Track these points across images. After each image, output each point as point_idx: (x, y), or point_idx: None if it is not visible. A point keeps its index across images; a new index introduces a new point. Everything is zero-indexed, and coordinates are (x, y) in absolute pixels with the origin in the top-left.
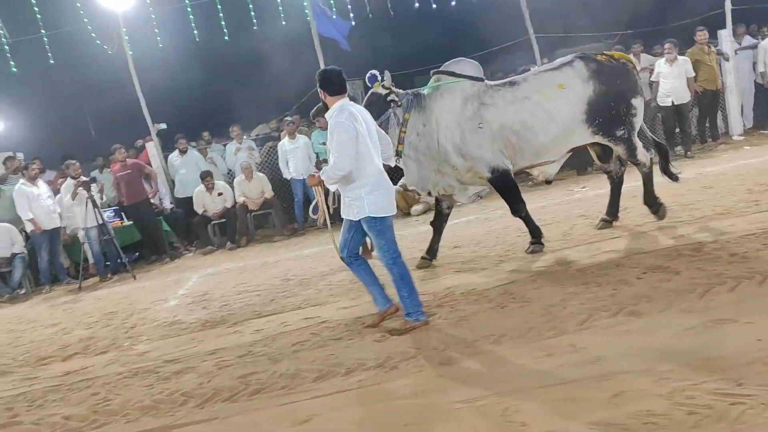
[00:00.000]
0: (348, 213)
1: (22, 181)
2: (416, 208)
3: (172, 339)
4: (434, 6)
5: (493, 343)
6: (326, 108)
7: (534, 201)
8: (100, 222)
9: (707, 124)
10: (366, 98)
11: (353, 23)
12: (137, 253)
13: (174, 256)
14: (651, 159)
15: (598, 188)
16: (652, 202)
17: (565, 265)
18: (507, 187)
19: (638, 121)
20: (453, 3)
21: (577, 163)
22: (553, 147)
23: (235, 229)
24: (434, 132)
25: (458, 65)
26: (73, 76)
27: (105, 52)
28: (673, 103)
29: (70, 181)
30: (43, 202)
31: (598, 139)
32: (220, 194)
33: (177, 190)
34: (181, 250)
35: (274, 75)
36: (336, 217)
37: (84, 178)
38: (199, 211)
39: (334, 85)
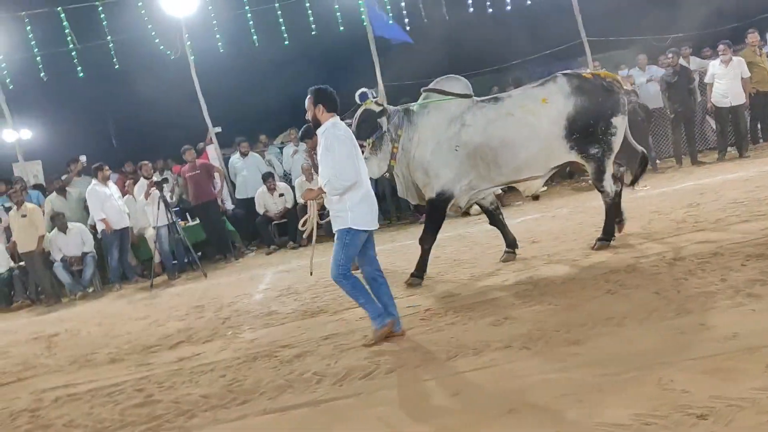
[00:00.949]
0: (333, 223)
1: (94, 181)
2: (475, 208)
3: (276, 327)
4: (489, 10)
5: (614, 325)
6: (316, 124)
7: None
8: (171, 221)
9: (758, 126)
10: (359, 115)
11: (408, 28)
12: (200, 253)
13: (237, 255)
14: (617, 192)
15: (660, 187)
16: (607, 231)
17: (657, 255)
18: (438, 213)
19: (616, 142)
20: (508, 8)
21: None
22: (534, 162)
23: (296, 228)
24: (413, 146)
25: (448, 83)
26: (134, 80)
27: (167, 57)
28: (730, 104)
29: (143, 181)
30: (114, 202)
31: (573, 155)
32: (281, 195)
33: (238, 191)
34: (243, 249)
35: (330, 79)
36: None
37: (156, 179)
38: (261, 211)
39: (332, 102)
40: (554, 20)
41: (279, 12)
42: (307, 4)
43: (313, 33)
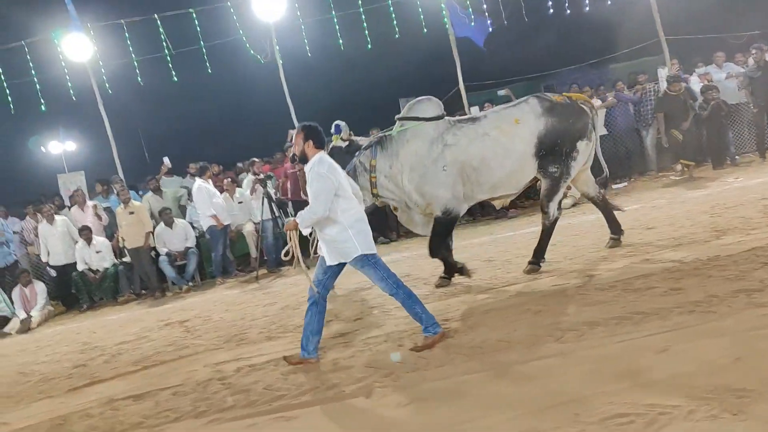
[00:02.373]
0: (335, 257)
1: (200, 180)
2: (566, 202)
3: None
4: (568, 11)
5: None
6: (303, 159)
7: (701, 189)
8: (275, 215)
9: None
10: (329, 152)
11: (491, 29)
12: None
13: None
14: (556, 219)
15: (753, 178)
16: (537, 254)
17: None
18: (445, 229)
19: (575, 167)
20: (587, 9)
21: (713, 156)
22: (508, 181)
23: (386, 224)
24: (399, 173)
25: (420, 107)
26: (224, 84)
27: (256, 62)
28: None
29: (250, 177)
30: (218, 199)
31: (536, 172)
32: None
33: None
34: None
35: (412, 80)
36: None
37: (262, 175)
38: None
39: (320, 139)
40: (632, 19)
41: (363, 16)
42: (391, 9)
43: (397, 36)
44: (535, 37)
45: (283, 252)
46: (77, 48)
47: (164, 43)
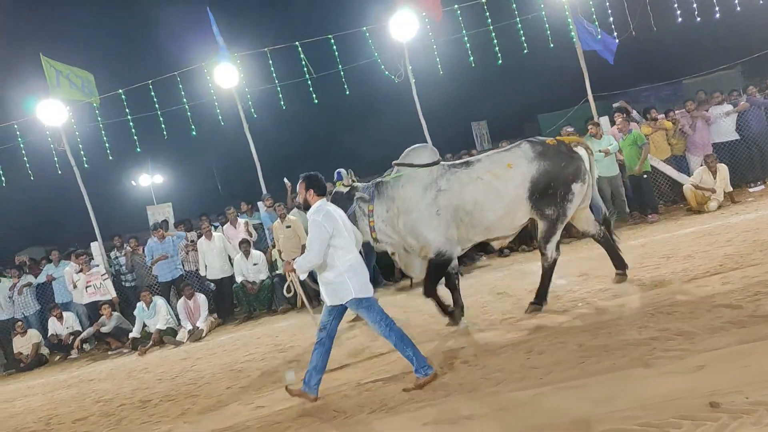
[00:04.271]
0: (332, 299)
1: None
2: (711, 205)
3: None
4: (698, 19)
5: None
6: (306, 206)
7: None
8: None
9: None
10: (331, 197)
11: (617, 41)
12: None
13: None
14: (555, 260)
15: None
16: (541, 295)
17: None
18: (438, 271)
19: (571, 209)
20: (717, 15)
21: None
22: (501, 224)
23: (525, 232)
24: (395, 217)
25: (415, 154)
26: (360, 105)
27: (391, 82)
28: None
29: None
30: None
31: (532, 214)
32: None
33: None
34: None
35: (540, 95)
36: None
37: None
38: None
39: (320, 187)
40: (762, 25)
41: (492, 33)
42: (519, 26)
43: (525, 51)
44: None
45: (285, 288)
46: (225, 76)
47: (305, 68)
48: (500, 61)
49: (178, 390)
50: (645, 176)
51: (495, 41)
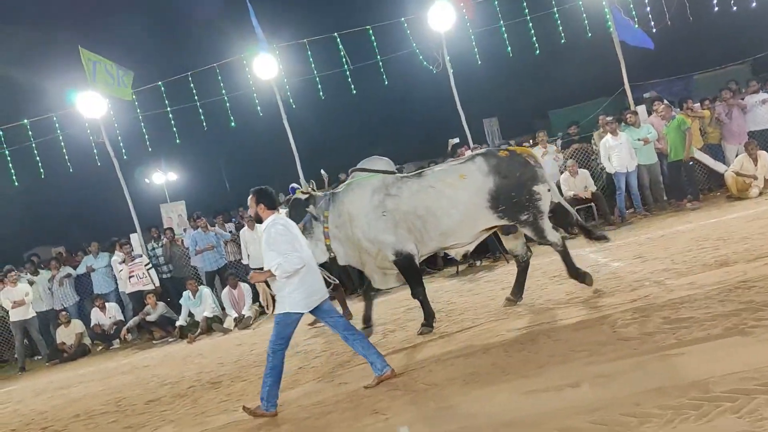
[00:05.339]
0: (279, 307)
1: None
2: (753, 192)
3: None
4: (734, 8)
5: None
6: (258, 220)
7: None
8: None
9: None
10: (289, 206)
11: (654, 30)
12: None
13: None
14: (562, 238)
15: None
16: (575, 274)
17: None
18: (410, 269)
19: (544, 205)
20: (753, 4)
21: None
22: (459, 230)
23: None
24: (347, 222)
25: (370, 163)
26: (398, 95)
27: (428, 72)
28: None
29: None
30: None
31: (505, 222)
32: (548, 191)
33: None
34: None
35: (577, 83)
36: None
37: None
38: None
39: (271, 200)
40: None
41: (530, 24)
42: (556, 15)
43: (563, 41)
44: (700, 35)
45: (261, 301)
46: (264, 67)
47: (343, 59)
48: (537, 51)
49: (248, 371)
50: (690, 162)
51: (532, 31)
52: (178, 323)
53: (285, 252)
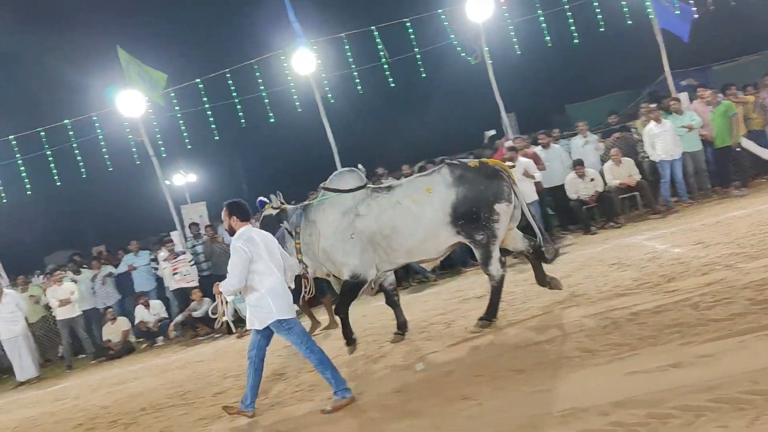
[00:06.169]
0: (253, 323)
1: None
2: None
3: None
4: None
5: None
6: (232, 232)
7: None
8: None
9: None
10: (261, 221)
11: (696, 16)
12: None
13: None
14: (502, 277)
15: None
16: (490, 311)
17: None
18: (352, 292)
19: (500, 228)
20: None
21: None
22: (424, 247)
23: (613, 209)
24: (316, 241)
25: (341, 179)
26: (436, 87)
27: (467, 63)
28: None
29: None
30: None
31: (461, 238)
32: (591, 180)
33: (544, 181)
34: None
35: (617, 71)
36: None
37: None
38: (573, 197)
39: (243, 213)
40: None
41: (568, 13)
42: (596, 3)
43: (601, 30)
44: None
45: (211, 309)
46: (302, 62)
47: (381, 53)
48: (576, 41)
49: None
50: (738, 149)
51: (571, 20)
52: (223, 319)
53: (231, 269)
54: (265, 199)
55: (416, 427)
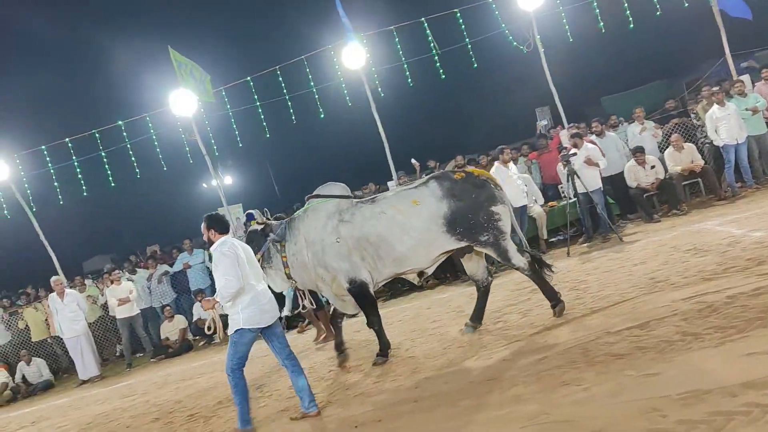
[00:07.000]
0: (234, 326)
1: (496, 164)
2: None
3: None
4: None
5: None
6: (211, 244)
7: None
8: (584, 191)
9: None
10: (246, 236)
11: None
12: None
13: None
14: (528, 261)
15: None
16: (551, 295)
17: None
18: (364, 298)
19: (504, 225)
20: None
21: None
22: (414, 256)
23: (675, 196)
24: (303, 249)
25: (326, 189)
26: (488, 77)
27: (519, 52)
28: None
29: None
30: (514, 182)
31: (464, 243)
32: (652, 167)
33: (603, 170)
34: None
35: (674, 56)
36: None
37: (573, 151)
38: (633, 184)
39: (221, 225)
40: None
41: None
42: None
43: (658, 14)
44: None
45: (206, 327)
46: (352, 56)
47: (431, 44)
48: (632, 25)
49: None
50: None
51: (625, 4)
52: (283, 314)
53: (225, 274)
54: (253, 213)
55: (522, 414)
